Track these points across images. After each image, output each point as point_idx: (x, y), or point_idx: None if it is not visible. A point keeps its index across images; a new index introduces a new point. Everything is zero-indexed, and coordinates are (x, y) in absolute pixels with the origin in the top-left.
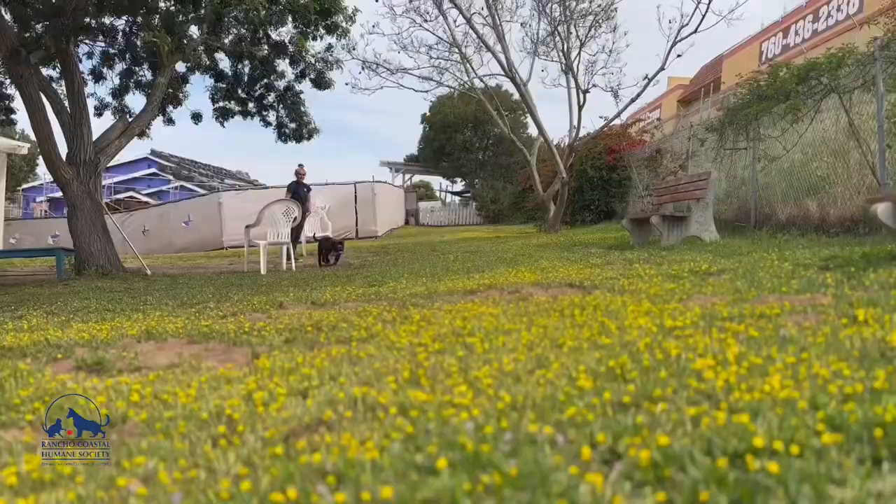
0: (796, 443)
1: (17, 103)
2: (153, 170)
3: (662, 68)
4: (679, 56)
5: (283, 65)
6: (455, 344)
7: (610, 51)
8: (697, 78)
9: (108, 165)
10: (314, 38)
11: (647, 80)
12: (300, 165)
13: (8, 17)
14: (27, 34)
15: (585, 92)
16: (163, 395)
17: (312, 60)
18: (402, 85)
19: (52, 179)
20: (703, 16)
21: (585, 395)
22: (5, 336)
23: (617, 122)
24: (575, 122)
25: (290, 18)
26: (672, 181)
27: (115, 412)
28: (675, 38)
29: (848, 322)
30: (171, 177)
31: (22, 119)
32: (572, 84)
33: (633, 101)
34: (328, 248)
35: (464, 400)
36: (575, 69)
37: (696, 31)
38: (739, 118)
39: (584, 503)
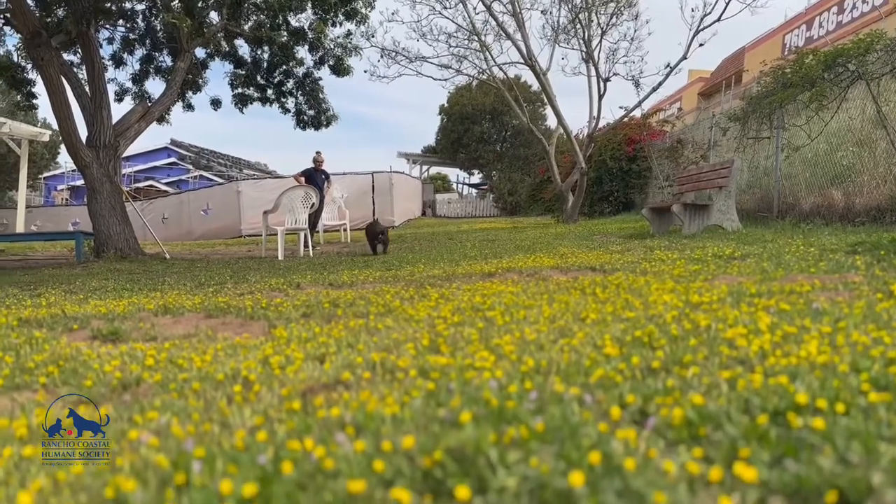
0: (842, 401)
1: (39, 89)
2: (173, 159)
3: (685, 57)
4: (701, 45)
5: (302, 51)
6: (475, 317)
7: (631, 39)
8: (719, 70)
9: (128, 154)
10: (333, 25)
11: (669, 69)
12: (318, 152)
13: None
14: (48, 18)
15: (606, 80)
16: (178, 359)
17: (331, 46)
18: (420, 73)
19: (73, 168)
20: (727, 3)
21: (612, 361)
22: (23, 310)
23: (637, 112)
24: (595, 112)
25: (309, 4)
26: (694, 170)
27: (128, 375)
28: (698, 26)
29: (883, 297)
30: (190, 166)
31: (43, 107)
32: (592, 73)
33: (654, 89)
34: (374, 235)
35: (485, 364)
36: (596, 57)
37: (719, 20)
38: (763, 106)
39: (617, 455)
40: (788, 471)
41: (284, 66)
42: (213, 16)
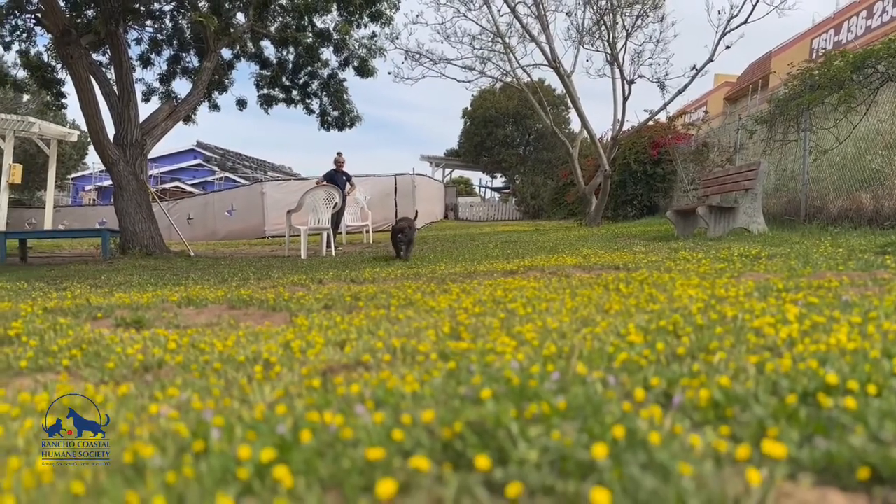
0: (873, 383)
1: (67, 89)
2: (198, 161)
3: (711, 59)
4: (728, 47)
5: (326, 53)
6: (496, 309)
7: (657, 41)
8: (745, 75)
9: (154, 155)
10: (358, 26)
11: (695, 71)
12: (339, 153)
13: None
14: (78, 18)
15: (631, 83)
16: (200, 344)
17: (356, 48)
18: (444, 74)
19: (100, 169)
20: (754, 6)
21: (636, 347)
22: (48, 301)
23: (662, 115)
24: (619, 115)
25: (335, 6)
26: (720, 172)
27: (150, 358)
28: (725, 28)
29: None
30: (215, 168)
31: (71, 108)
32: (617, 75)
33: (680, 91)
34: (394, 234)
35: (507, 349)
36: (620, 60)
37: (746, 22)
38: (790, 109)
39: (641, 431)
40: (818, 448)
41: (309, 68)
42: (240, 16)
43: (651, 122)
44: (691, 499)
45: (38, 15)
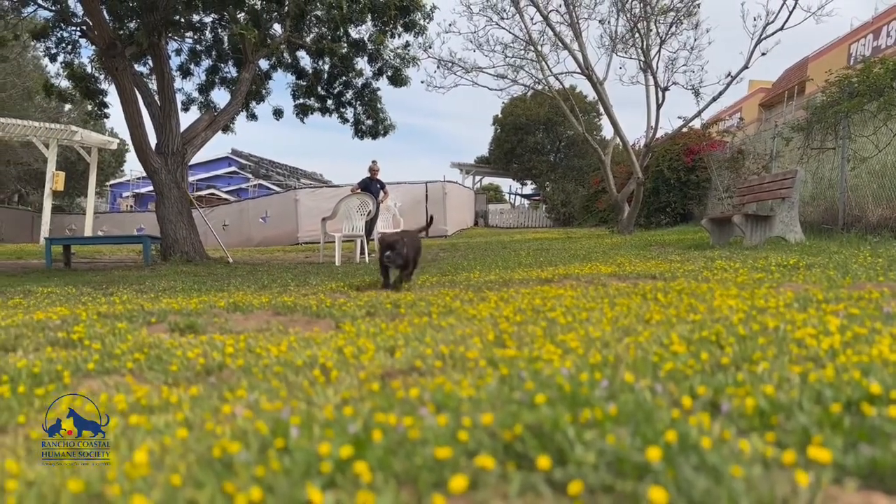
0: None
1: (108, 99)
2: (233, 168)
3: (746, 66)
4: (763, 54)
5: (361, 62)
6: (537, 317)
7: (691, 48)
8: (780, 81)
9: (191, 163)
10: (392, 36)
11: (730, 78)
12: (373, 161)
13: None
14: (120, 31)
15: (665, 90)
16: (255, 349)
17: (390, 57)
18: (476, 83)
19: (138, 176)
20: (791, 12)
21: (680, 357)
22: (100, 306)
23: (696, 122)
24: (653, 122)
25: (369, 17)
26: (755, 180)
27: (211, 361)
28: (760, 35)
29: None
30: (249, 175)
31: (111, 116)
32: (651, 82)
33: (714, 99)
34: (381, 251)
35: (553, 356)
36: (654, 67)
37: (782, 28)
38: (828, 116)
39: (693, 436)
40: (863, 454)
41: (344, 77)
42: (277, 28)
43: (685, 130)
44: (742, 499)
45: (84, 28)
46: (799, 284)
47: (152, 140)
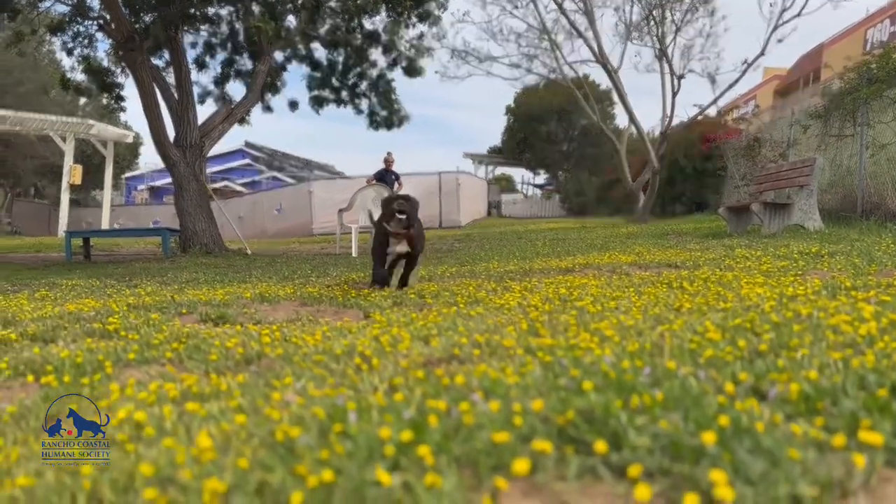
0: None
1: (125, 91)
2: (247, 160)
3: (762, 53)
4: (780, 41)
5: (375, 53)
6: (565, 306)
7: (707, 35)
8: (795, 68)
9: (207, 154)
10: (406, 26)
11: (746, 65)
12: (388, 153)
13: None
14: (136, 24)
15: (680, 78)
16: (291, 338)
17: (405, 48)
18: (490, 72)
19: (152, 169)
20: None
21: (717, 344)
22: (127, 298)
23: (712, 110)
24: (668, 110)
25: (383, 7)
26: (773, 168)
27: (250, 350)
28: (777, 21)
29: None
30: (263, 167)
31: (126, 109)
32: (666, 70)
33: (731, 86)
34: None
35: (591, 345)
36: (669, 54)
37: (799, 15)
38: (846, 103)
39: (743, 422)
40: None
41: (358, 69)
42: (291, 19)
43: (700, 118)
44: (799, 480)
45: (101, 22)
46: (825, 272)
47: (170, 133)
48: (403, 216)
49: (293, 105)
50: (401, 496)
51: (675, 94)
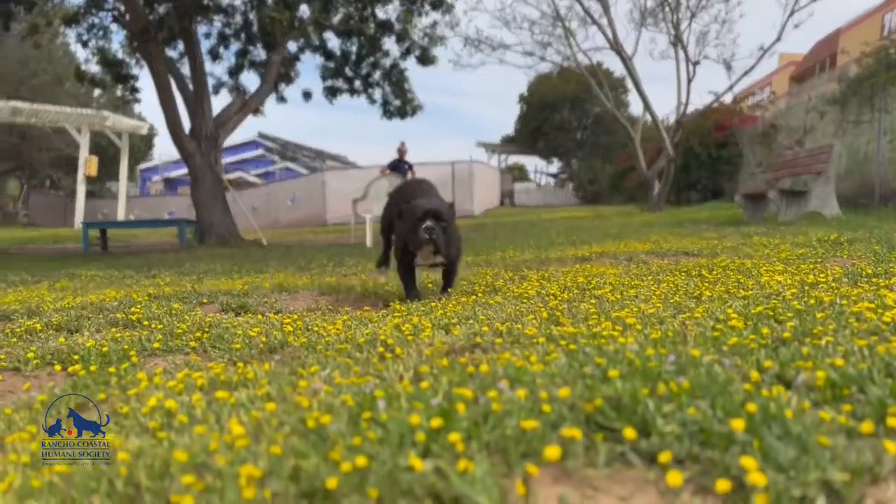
0: None
1: (140, 83)
2: (260, 151)
3: (779, 39)
4: (796, 27)
5: (388, 43)
6: (584, 295)
7: (722, 21)
8: (811, 54)
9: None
10: (419, 15)
11: (762, 52)
12: (402, 143)
13: None
14: (150, 15)
15: (695, 64)
16: (313, 327)
17: (418, 37)
18: (503, 61)
19: (167, 160)
20: None
21: (740, 332)
22: (146, 288)
23: (727, 97)
24: (683, 97)
25: None
26: (790, 155)
27: (273, 339)
28: (793, 6)
29: None
30: (276, 157)
31: (140, 101)
32: (681, 56)
33: (746, 72)
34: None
35: (613, 333)
36: (684, 41)
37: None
38: (864, 89)
39: (771, 409)
40: None
41: (372, 58)
42: (304, 8)
43: (716, 105)
44: (829, 466)
45: (116, 13)
46: (844, 259)
47: (185, 124)
48: (431, 242)
49: (307, 95)
50: (434, 481)
51: (690, 81)
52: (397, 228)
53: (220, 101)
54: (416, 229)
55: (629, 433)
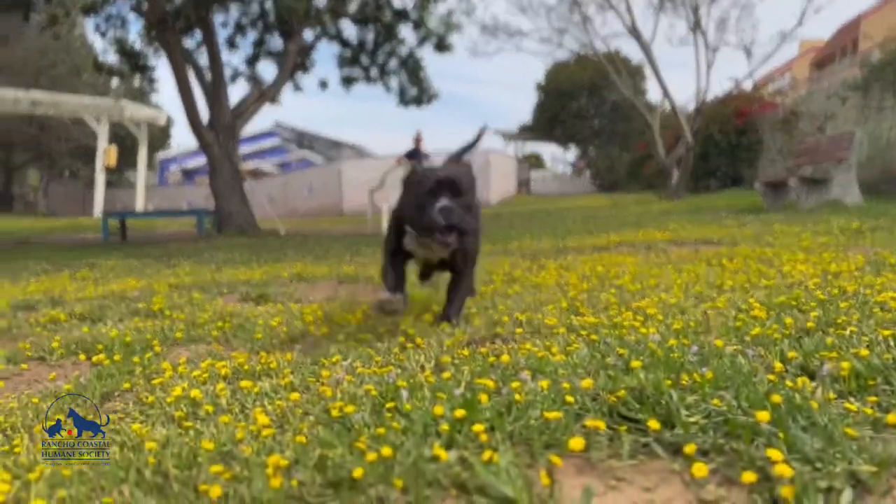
0: None
1: (157, 73)
2: (277, 141)
3: (800, 24)
4: (817, 11)
5: (404, 31)
6: (603, 285)
7: (742, 6)
8: (832, 40)
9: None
10: (435, 2)
11: (782, 37)
12: (418, 132)
13: None
14: (168, 5)
15: (715, 50)
16: (333, 317)
17: (436, 24)
18: (520, 48)
19: (185, 150)
20: None
21: (763, 322)
22: (167, 278)
23: (747, 83)
24: (702, 84)
25: None
26: (811, 142)
27: (294, 329)
28: None
29: None
30: (293, 147)
31: (160, 90)
32: (700, 42)
33: (767, 58)
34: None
35: (635, 323)
36: (704, 26)
37: None
38: (887, 74)
39: (796, 400)
40: None
41: (388, 46)
42: None
43: (735, 91)
44: (856, 457)
45: (133, 3)
46: (867, 248)
47: (203, 115)
48: (451, 235)
49: (323, 84)
50: (458, 471)
51: (709, 68)
52: (400, 202)
53: (236, 91)
54: (428, 207)
55: (653, 424)
